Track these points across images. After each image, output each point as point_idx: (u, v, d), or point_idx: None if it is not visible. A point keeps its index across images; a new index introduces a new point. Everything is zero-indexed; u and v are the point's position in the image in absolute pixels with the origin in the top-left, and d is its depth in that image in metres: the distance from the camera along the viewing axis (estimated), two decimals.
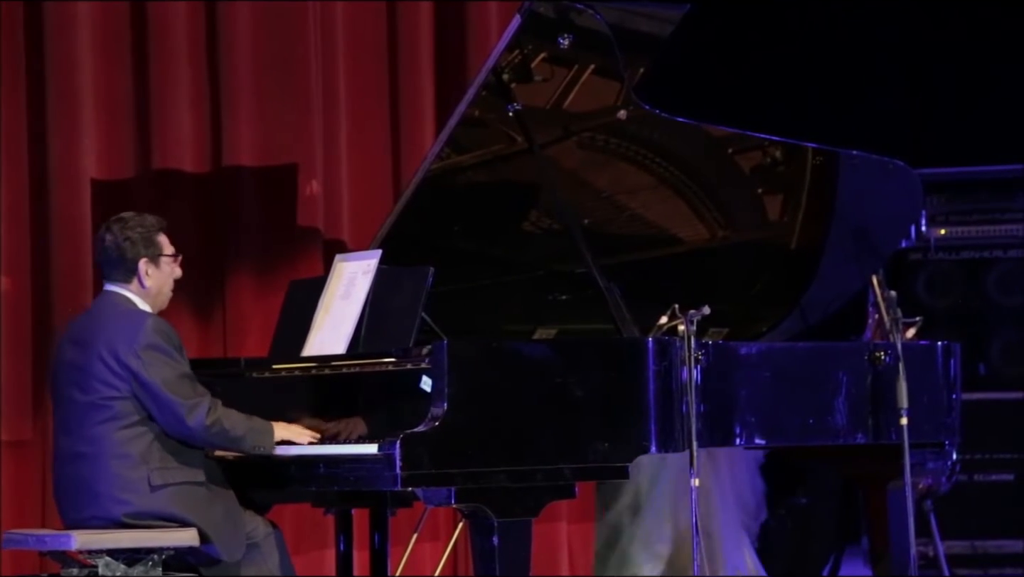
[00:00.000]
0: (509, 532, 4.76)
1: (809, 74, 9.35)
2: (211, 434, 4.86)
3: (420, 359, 4.80)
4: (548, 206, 5.54)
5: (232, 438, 4.88)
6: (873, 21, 9.43)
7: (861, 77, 9.35)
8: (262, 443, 4.91)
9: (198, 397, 4.88)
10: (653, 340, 5.04)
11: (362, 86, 6.92)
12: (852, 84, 9.33)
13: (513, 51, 5.20)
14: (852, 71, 9.35)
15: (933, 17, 9.35)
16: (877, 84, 9.35)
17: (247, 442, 4.90)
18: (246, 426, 4.91)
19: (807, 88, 9.29)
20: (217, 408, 4.88)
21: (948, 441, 5.70)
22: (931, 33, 9.36)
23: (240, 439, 4.89)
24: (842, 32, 9.40)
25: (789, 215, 5.81)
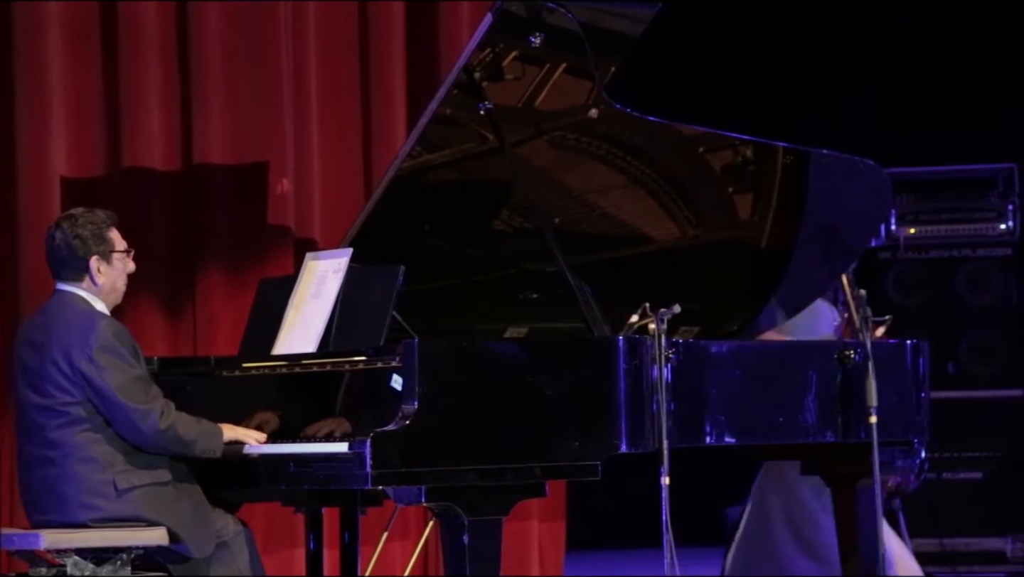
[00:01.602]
0: (479, 531, 4.76)
1: (779, 73, 9.38)
2: (165, 439, 4.82)
3: (391, 358, 4.79)
4: (519, 205, 5.54)
5: (185, 442, 4.85)
6: (845, 21, 9.46)
7: (832, 76, 9.38)
8: (212, 447, 4.88)
9: (151, 402, 4.83)
10: (624, 339, 5.05)
11: (334, 84, 6.91)
12: (823, 83, 9.37)
13: (484, 50, 5.19)
14: (823, 70, 9.38)
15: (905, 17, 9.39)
16: (848, 83, 9.39)
17: (198, 446, 4.87)
18: (197, 430, 4.87)
19: (777, 87, 9.32)
20: (170, 412, 4.84)
21: (917, 439, 5.73)
22: (902, 33, 9.40)
23: (192, 443, 4.86)
24: (813, 31, 9.43)
25: (759, 214, 5.83)
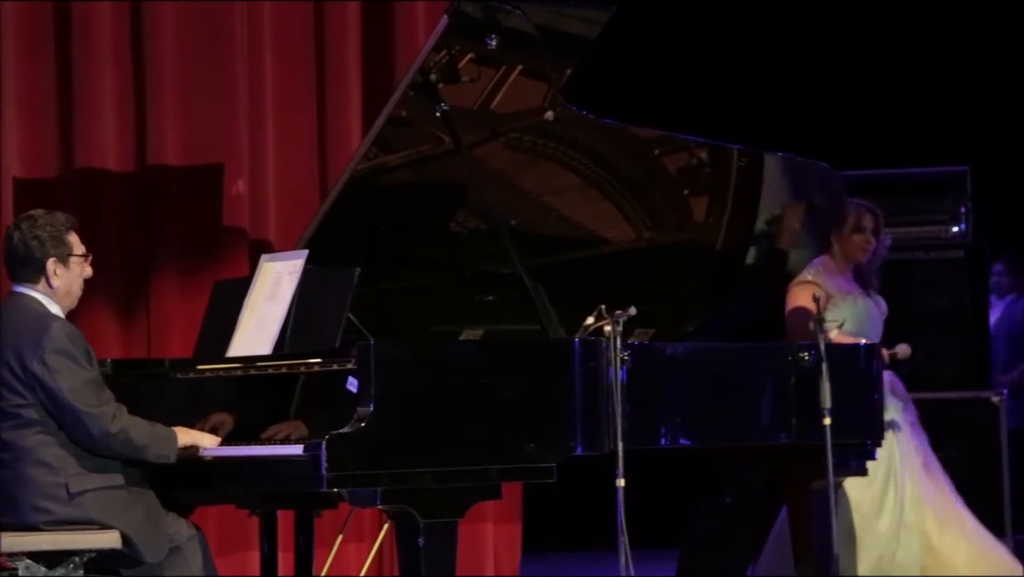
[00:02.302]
0: (435, 533, 4.76)
1: (734, 75, 9.41)
2: (116, 443, 4.80)
3: (346, 360, 4.78)
4: (475, 207, 5.54)
5: (137, 447, 4.82)
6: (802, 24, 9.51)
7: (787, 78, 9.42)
8: (166, 451, 4.86)
9: (103, 405, 4.81)
10: (579, 341, 5.05)
11: (289, 85, 6.89)
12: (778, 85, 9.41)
13: (440, 51, 5.19)
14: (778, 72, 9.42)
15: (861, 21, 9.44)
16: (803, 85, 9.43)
17: (151, 451, 4.84)
18: (150, 434, 4.85)
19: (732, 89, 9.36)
20: (122, 416, 4.82)
21: (870, 441, 5.75)
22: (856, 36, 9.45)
23: (145, 448, 4.83)
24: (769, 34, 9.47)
25: (714, 216, 5.84)
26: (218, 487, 5.07)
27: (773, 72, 9.39)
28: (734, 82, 9.38)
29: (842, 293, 6.32)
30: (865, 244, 6.41)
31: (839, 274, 6.39)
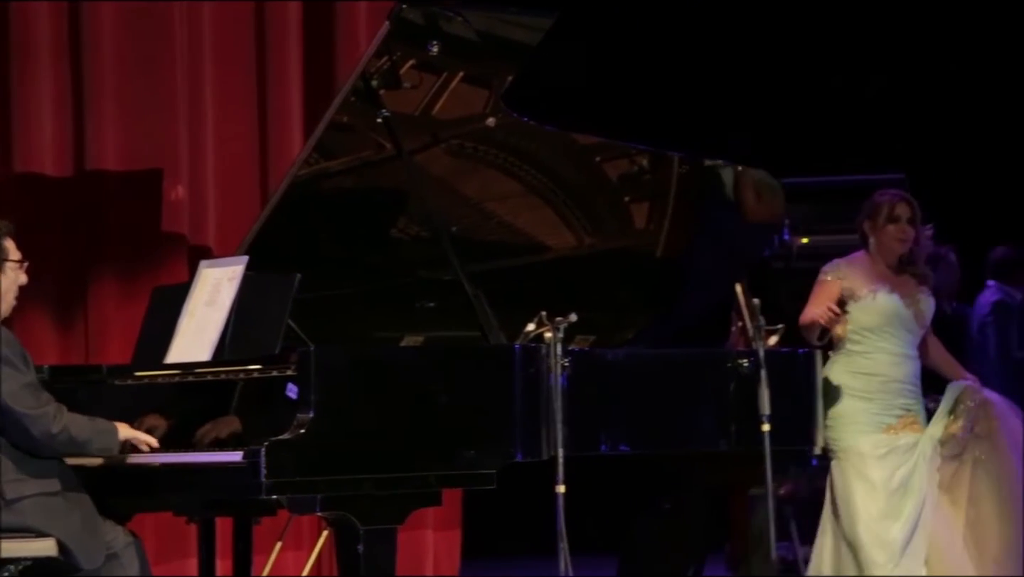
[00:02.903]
0: (374, 539, 4.75)
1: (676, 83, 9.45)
2: (58, 443, 4.78)
3: (286, 366, 4.76)
4: (416, 213, 5.53)
5: (79, 443, 4.81)
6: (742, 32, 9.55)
7: (727, 86, 9.46)
8: (108, 444, 4.85)
9: (43, 407, 4.78)
10: (520, 347, 5.06)
11: (229, 89, 6.87)
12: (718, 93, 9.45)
13: (382, 57, 5.18)
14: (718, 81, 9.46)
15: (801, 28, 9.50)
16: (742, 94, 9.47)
17: (93, 445, 4.83)
18: (91, 429, 4.84)
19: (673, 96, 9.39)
20: (63, 415, 4.80)
21: (809, 447, 5.78)
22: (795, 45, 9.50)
23: (87, 443, 4.82)
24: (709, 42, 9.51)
25: (655, 223, 5.86)
26: (156, 494, 5.04)
27: (713, 79, 9.43)
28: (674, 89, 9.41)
29: (866, 289, 5.97)
30: (901, 234, 6.00)
31: (872, 269, 6.02)
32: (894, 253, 5.98)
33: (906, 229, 5.98)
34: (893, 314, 5.93)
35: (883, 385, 5.89)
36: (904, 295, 5.96)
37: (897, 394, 5.91)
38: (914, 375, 5.96)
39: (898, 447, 5.87)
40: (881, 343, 5.92)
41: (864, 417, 5.89)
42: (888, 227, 5.98)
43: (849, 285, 5.95)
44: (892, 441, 5.87)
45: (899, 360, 5.92)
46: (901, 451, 5.86)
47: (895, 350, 5.92)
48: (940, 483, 5.89)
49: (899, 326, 5.93)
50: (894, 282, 5.98)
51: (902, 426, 5.91)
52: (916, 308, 5.98)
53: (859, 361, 5.91)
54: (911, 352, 5.95)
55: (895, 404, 5.90)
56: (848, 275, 5.98)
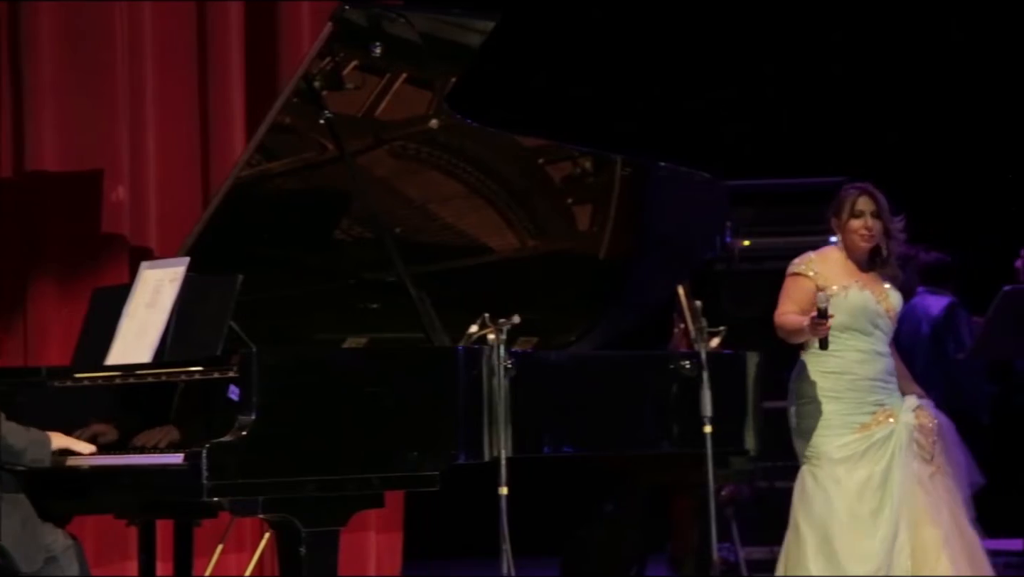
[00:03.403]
0: (316, 542, 4.74)
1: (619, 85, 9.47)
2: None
3: (228, 368, 4.75)
4: (359, 214, 5.52)
5: (15, 452, 4.77)
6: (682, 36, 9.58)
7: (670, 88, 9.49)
8: (41, 456, 4.80)
9: None
10: (463, 349, 5.06)
11: (171, 90, 6.84)
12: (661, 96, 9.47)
13: (325, 58, 5.17)
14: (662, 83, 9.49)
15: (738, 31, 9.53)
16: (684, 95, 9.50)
17: (27, 456, 4.79)
18: (26, 439, 4.79)
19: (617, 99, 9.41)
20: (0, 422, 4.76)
21: (750, 448, 5.81)
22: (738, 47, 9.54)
23: (22, 452, 4.78)
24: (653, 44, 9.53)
25: (598, 225, 5.87)
26: (96, 496, 5.01)
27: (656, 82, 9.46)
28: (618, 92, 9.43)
29: (837, 286, 5.78)
30: (863, 230, 5.80)
31: (843, 264, 5.84)
32: (859, 249, 5.82)
33: (869, 224, 5.80)
34: (863, 311, 5.78)
35: (853, 383, 5.76)
36: (875, 291, 5.81)
37: (868, 391, 5.78)
38: (887, 371, 5.82)
39: (874, 442, 5.73)
40: (851, 341, 5.77)
41: (836, 419, 5.75)
42: (851, 222, 5.82)
43: (822, 282, 5.78)
44: (867, 439, 5.74)
45: (869, 358, 5.78)
46: (878, 445, 5.73)
47: (865, 348, 5.78)
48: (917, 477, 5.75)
49: (870, 323, 5.79)
50: (864, 278, 5.83)
51: (876, 422, 5.77)
52: (887, 304, 5.82)
53: (829, 360, 5.75)
54: (883, 349, 5.82)
55: (867, 401, 5.77)
56: (820, 271, 5.82)
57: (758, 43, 9.52)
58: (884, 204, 5.83)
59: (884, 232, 5.82)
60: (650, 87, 9.46)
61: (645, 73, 9.48)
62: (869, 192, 5.83)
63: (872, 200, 5.81)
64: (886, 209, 5.82)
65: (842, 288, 5.77)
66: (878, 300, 5.80)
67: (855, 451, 5.73)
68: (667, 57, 9.49)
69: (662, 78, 9.47)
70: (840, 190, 5.92)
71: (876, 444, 5.73)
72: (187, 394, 4.91)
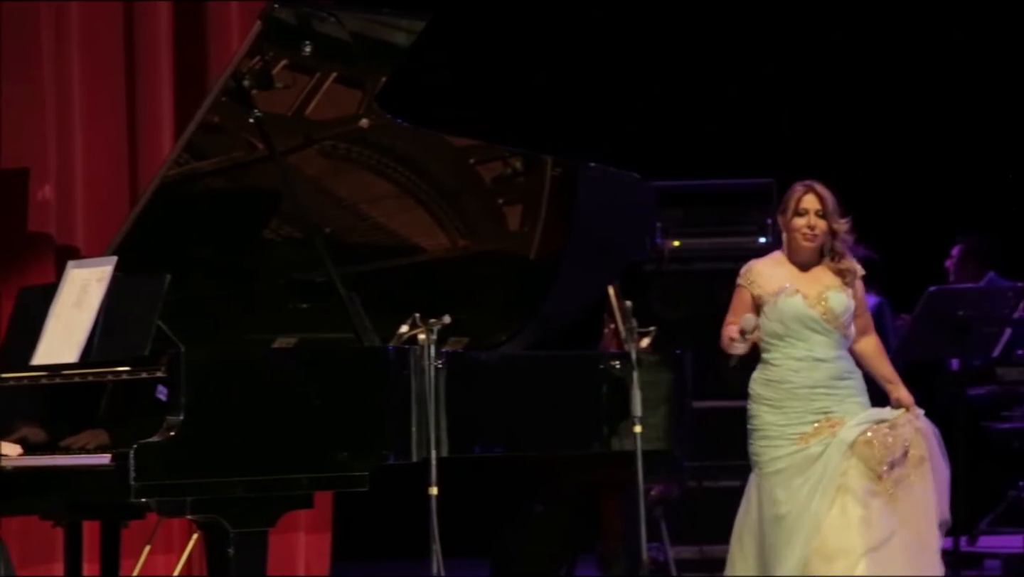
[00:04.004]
0: (245, 542, 4.73)
1: (548, 85, 9.48)
2: None
3: (155, 368, 4.72)
4: (289, 214, 5.51)
5: None
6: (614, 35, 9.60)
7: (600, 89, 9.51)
8: None
9: None
10: (393, 349, 5.06)
11: (98, 88, 6.79)
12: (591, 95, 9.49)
13: (254, 57, 5.15)
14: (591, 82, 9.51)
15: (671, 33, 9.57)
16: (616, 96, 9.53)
17: None
18: None
19: (546, 99, 9.42)
20: None
21: (679, 448, 5.83)
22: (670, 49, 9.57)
23: None
24: (582, 44, 9.55)
25: (529, 225, 5.88)
26: (22, 497, 4.97)
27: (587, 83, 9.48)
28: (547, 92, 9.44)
29: (769, 295, 5.59)
30: (805, 228, 5.56)
31: (781, 269, 5.63)
32: (802, 249, 5.59)
33: (812, 223, 5.56)
34: (795, 318, 5.56)
35: (791, 393, 5.54)
36: (809, 294, 5.56)
37: (809, 400, 5.54)
38: (833, 377, 5.55)
39: (808, 456, 5.48)
40: (787, 349, 5.56)
41: (774, 431, 5.54)
42: (794, 220, 5.58)
43: (758, 292, 5.60)
44: (802, 451, 5.48)
45: (808, 366, 5.54)
46: (809, 461, 5.48)
47: (801, 355, 5.54)
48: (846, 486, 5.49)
49: (805, 329, 5.55)
50: (803, 281, 5.60)
51: (816, 432, 5.51)
52: (823, 307, 5.55)
53: (770, 370, 5.58)
54: (824, 354, 5.55)
55: (809, 410, 5.52)
56: (756, 280, 5.62)
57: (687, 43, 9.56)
58: (831, 203, 5.60)
59: (830, 232, 5.60)
60: (580, 88, 9.47)
61: (573, 73, 9.50)
62: (815, 190, 5.61)
63: (817, 198, 5.58)
64: (832, 208, 5.60)
65: (772, 296, 5.58)
66: (811, 304, 5.56)
67: (790, 464, 5.52)
68: (596, 57, 9.51)
69: (592, 79, 9.49)
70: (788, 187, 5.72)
71: (809, 458, 5.49)
72: (115, 395, 4.88)
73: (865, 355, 5.71)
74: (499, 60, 9.45)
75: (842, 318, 5.59)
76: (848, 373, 5.61)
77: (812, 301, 5.57)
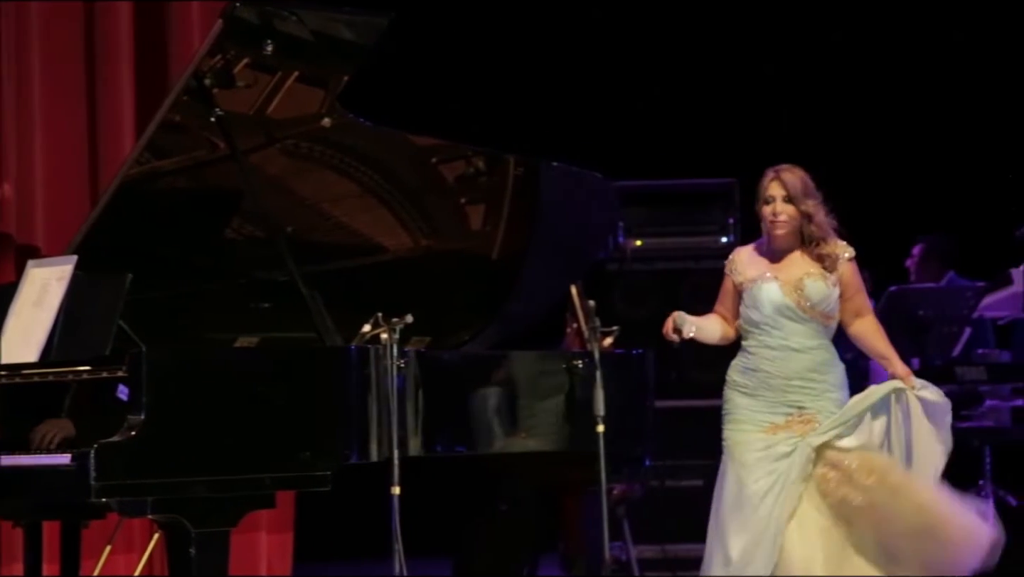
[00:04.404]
0: (206, 542, 4.72)
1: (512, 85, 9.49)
2: None
3: (117, 367, 4.70)
4: (251, 213, 5.49)
5: None
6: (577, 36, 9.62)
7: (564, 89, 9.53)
8: None
9: None
10: (355, 348, 5.05)
11: (58, 87, 6.76)
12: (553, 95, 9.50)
13: (215, 56, 5.14)
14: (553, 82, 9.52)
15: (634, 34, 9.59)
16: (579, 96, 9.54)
17: None
18: None
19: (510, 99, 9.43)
20: None
21: (642, 447, 5.84)
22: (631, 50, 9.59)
23: None
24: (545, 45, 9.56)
25: (491, 225, 5.89)
26: None
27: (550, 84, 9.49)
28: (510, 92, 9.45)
29: (747, 282, 5.49)
30: (771, 216, 5.45)
31: (761, 257, 5.53)
32: (776, 237, 5.47)
33: (778, 210, 5.44)
34: (769, 305, 5.44)
35: (765, 381, 5.41)
36: (786, 282, 5.45)
37: (783, 391, 5.42)
38: (809, 369, 5.42)
39: (773, 452, 5.38)
40: (762, 337, 5.44)
41: (746, 414, 5.43)
42: (763, 209, 5.48)
43: (739, 279, 5.51)
44: (769, 443, 5.39)
45: (783, 356, 5.42)
46: (772, 459, 5.39)
47: (776, 345, 5.42)
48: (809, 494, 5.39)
49: (780, 317, 5.43)
50: (780, 269, 5.49)
51: (788, 425, 5.41)
52: (799, 295, 5.43)
53: (747, 357, 5.46)
54: (800, 344, 5.42)
55: (781, 402, 5.41)
56: (737, 267, 5.53)
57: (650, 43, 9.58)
58: (797, 187, 5.46)
59: (803, 216, 5.45)
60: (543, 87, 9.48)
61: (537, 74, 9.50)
62: (779, 176, 5.48)
63: (781, 184, 5.45)
64: (800, 193, 5.46)
65: (750, 282, 5.48)
66: (787, 292, 5.44)
67: (757, 458, 5.40)
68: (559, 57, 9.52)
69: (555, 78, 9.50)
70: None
71: (772, 456, 5.39)
72: (77, 394, 4.86)
73: (860, 337, 5.57)
74: (462, 59, 9.45)
75: (820, 307, 5.46)
76: (826, 365, 5.48)
77: (788, 289, 5.45)
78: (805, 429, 5.43)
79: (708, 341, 5.58)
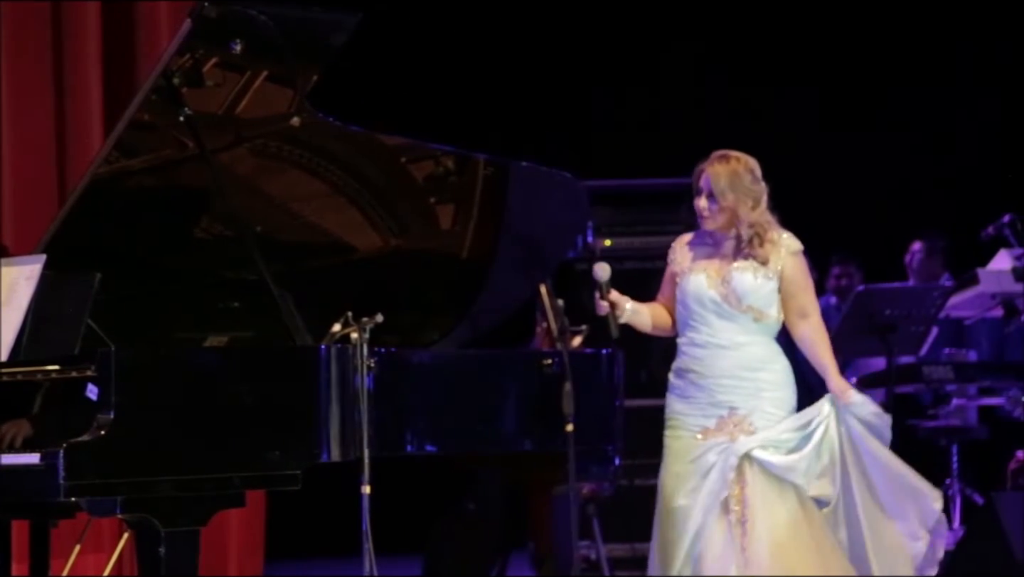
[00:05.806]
0: (176, 542, 4.71)
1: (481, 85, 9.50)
2: None
3: (85, 367, 4.70)
4: (220, 212, 5.49)
5: None
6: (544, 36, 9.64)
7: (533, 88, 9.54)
8: None
9: None
10: (325, 348, 5.05)
11: (26, 85, 6.75)
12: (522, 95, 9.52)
13: (184, 55, 5.13)
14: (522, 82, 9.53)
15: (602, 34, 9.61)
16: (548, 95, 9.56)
17: None
18: None
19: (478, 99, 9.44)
20: None
21: (611, 447, 5.85)
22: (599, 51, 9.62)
23: None
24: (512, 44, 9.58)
25: (460, 224, 5.89)
26: None
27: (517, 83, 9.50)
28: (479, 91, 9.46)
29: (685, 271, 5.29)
30: (699, 210, 5.24)
31: (696, 248, 5.31)
32: (706, 228, 5.28)
33: (701, 205, 5.21)
34: (694, 298, 5.21)
35: (695, 382, 5.22)
36: (713, 275, 5.21)
37: (713, 391, 5.21)
38: (743, 366, 5.19)
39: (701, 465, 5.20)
40: (691, 333, 5.24)
41: (679, 420, 5.27)
42: (695, 200, 5.27)
43: (676, 268, 5.32)
44: (700, 451, 5.20)
45: (710, 353, 5.20)
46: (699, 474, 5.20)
47: (702, 341, 5.21)
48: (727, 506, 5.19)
49: (705, 312, 5.20)
50: (714, 260, 5.24)
51: (718, 428, 5.20)
52: (725, 288, 5.17)
53: (679, 357, 5.30)
54: (731, 341, 5.19)
55: (712, 403, 5.20)
56: (676, 256, 5.34)
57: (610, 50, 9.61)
58: (720, 182, 5.16)
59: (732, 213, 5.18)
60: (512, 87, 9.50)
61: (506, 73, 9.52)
62: (710, 167, 5.22)
63: (707, 177, 5.20)
64: (724, 187, 5.16)
65: (681, 274, 5.27)
66: (711, 285, 5.18)
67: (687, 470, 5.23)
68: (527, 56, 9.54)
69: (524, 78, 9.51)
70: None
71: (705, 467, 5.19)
72: (48, 394, 4.85)
73: (803, 341, 5.29)
74: (431, 59, 9.46)
75: (748, 300, 5.18)
76: (760, 362, 5.21)
77: (713, 281, 5.18)
78: (735, 433, 5.18)
79: (641, 328, 5.39)
